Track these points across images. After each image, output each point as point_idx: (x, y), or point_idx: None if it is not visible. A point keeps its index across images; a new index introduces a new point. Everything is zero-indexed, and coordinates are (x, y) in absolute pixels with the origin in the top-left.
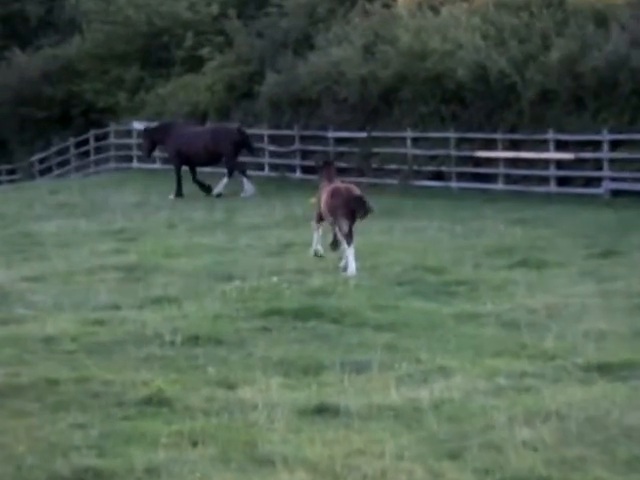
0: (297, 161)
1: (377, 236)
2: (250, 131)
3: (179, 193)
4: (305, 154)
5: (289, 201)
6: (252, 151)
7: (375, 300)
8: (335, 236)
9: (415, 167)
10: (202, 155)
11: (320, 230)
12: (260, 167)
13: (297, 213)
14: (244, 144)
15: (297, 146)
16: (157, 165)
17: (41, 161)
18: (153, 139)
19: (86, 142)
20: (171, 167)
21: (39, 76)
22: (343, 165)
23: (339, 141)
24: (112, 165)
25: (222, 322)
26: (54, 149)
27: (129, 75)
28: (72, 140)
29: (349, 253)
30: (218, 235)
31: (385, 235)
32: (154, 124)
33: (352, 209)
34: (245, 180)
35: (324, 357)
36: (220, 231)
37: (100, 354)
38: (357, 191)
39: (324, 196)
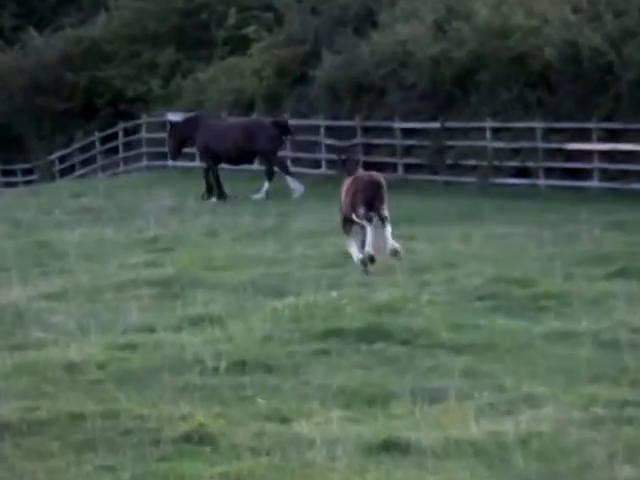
0: (359, 157)
1: (453, 244)
2: (304, 122)
3: (221, 195)
4: (368, 148)
5: None
6: (289, 133)
7: (452, 318)
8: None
9: (496, 162)
10: (232, 153)
11: (352, 239)
12: (316, 164)
13: None
14: (282, 137)
15: (359, 139)
16: (196, 163)
17: (62, 159)
18: (181, 136)
19: (114, 137)
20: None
21: (59, 61)
22: (412, 161)
23: (407, 133)
24: (144, 163)
25: (273, 345)
26: (77, 145)
27: (163, 58)
28: (97, 135)
29: (368, 231)
30: (268, 244)
31: (462, 243)
32: (188, 116)
33: (370, 191)
34: (289, 179)
35: (392, 384)
36: (270, 239)
37: (131, 384)
38: (379, 177)
39: (344, 189)
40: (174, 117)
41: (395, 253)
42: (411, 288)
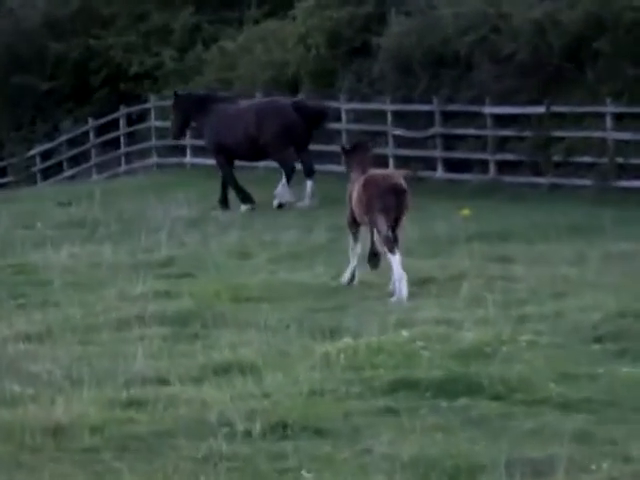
0: (438, 152)
1: (562, 267)
2: (364, 106)
3: (246, 199)
4: (450, 141)
5: (426, 214)
6: (320, 121)
7: (560, 365)
8: (374, 246)
9: (619, 160)
10: (243, 145)
11: (358, 244)
12: (382, 162)
13: (439, 232)
14: (309, 125)
15: (437, 129)
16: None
17: (45, 156)
18: (186, 112)
19: (113, 126)
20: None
21: (42, 27)
22: (507, 158)
23: (501, 121)
24: (153, 160)
25: (324, 402)
26: (64, 137)
27: (178, 23)
28: (91, 123)
29: (394, 263)
30: (317, 268)
31: (574, 265)
32: (199, 93)
33: (393, 202)
34: (309, 184)
35: (482, 453)
36: (320, 261)
37: (136, 453)
38: (400, 179)
39: (355, 189)
40: None
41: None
42: (506, 326)
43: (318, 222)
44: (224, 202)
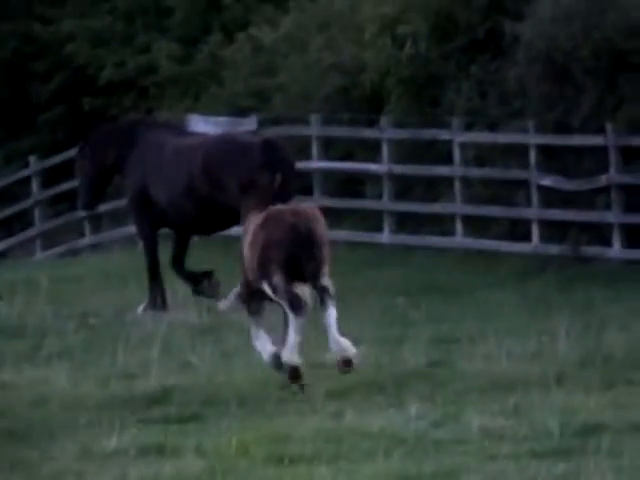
0: (614, 215)
1: None
2: (494, 138)
3: (156, 299)
4: (633, 196)
5: (595, 317)
6: (285, 189)
7: None
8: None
9: None
10: (186, 207)
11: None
12: (515, 231)
13: (608, 350)
14: (274, 177)
15: (613, 176)
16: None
17: None
18: (102, 160)
19: (70, 170)
20: None
21: None
22: None
23: None
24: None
25: None
26: (9, 180)
27: None
28: (35, 165)
29: (291, 326)
30: (409, 406)
31: None
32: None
33: (300, 251)
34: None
35: None
36: (414, 396)
37: None
38: (316, 218)
39: (251, 232)
40: (201, 122)
41: (347, 363)
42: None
43: (410, 331)
44: (192, 279)
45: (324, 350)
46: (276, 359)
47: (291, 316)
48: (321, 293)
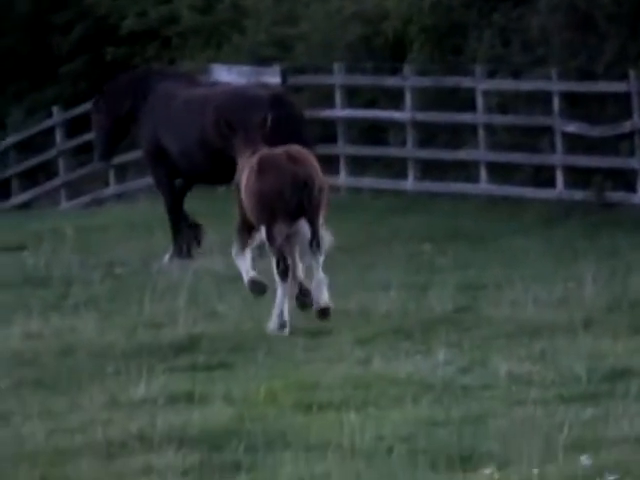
0: (637, 162)
1: None
2: (517, 86)
3: (181, 248)
4: None
5: (621, 262)
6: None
7: None
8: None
9: None
10: (198, 158)
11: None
12: (537, 177)
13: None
14: (282, 131)
15: (636, 121)
16: None
17: None
18: (116, 108)
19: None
20: None
21: None
22: None
23: None
24: None
25: None
26: (11, 139)
27: None
28: (58, 115)
29: (280, 289)
30: (436, 352)
31: None
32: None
33: (298, 198)
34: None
35: None
36: (440, 342)
37: None
38: (310, 162)
39: (245, 177)
40: (225, 72)
41: (323, 313)
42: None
43: (437, 278)
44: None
45: (350, 297)
46: (253, 284)
47: (276, 277)
48: (312, 240)
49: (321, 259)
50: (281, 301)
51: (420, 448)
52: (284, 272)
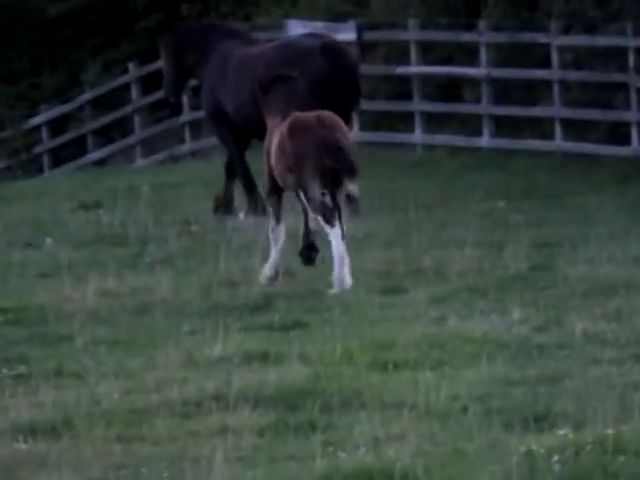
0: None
1: None
2: (591, 41)
3: (256, 204)
4: None
5: None
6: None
7: None
8: (307, 228)
9: None
10: (252, 116)
11: (282, 225)
12: (611, 133)
13: None
14: (335, 81)
15: None
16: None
17: (56, 126)
18: (182, 57)
19: None
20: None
21: None
22: None
23: None
24: None
25: None
26: (87, 96)
27: None
28: (134, 71)
29: (333, 239)
30: (511, 311)
31: None
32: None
33: (332, 163)
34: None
35: None
36: (515, 301)
37: None
38: (338, 127)
39: (275, 141)
40: (300, 26)
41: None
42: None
43: (512, 236)
44: (226, 204)
45: (425, 255)
46: (268, 280)
47: (327, 229)
48: (347, 201)
49: (343, 229)
50: (338, 245)
51: (495, 408)
52: (331, 218)
